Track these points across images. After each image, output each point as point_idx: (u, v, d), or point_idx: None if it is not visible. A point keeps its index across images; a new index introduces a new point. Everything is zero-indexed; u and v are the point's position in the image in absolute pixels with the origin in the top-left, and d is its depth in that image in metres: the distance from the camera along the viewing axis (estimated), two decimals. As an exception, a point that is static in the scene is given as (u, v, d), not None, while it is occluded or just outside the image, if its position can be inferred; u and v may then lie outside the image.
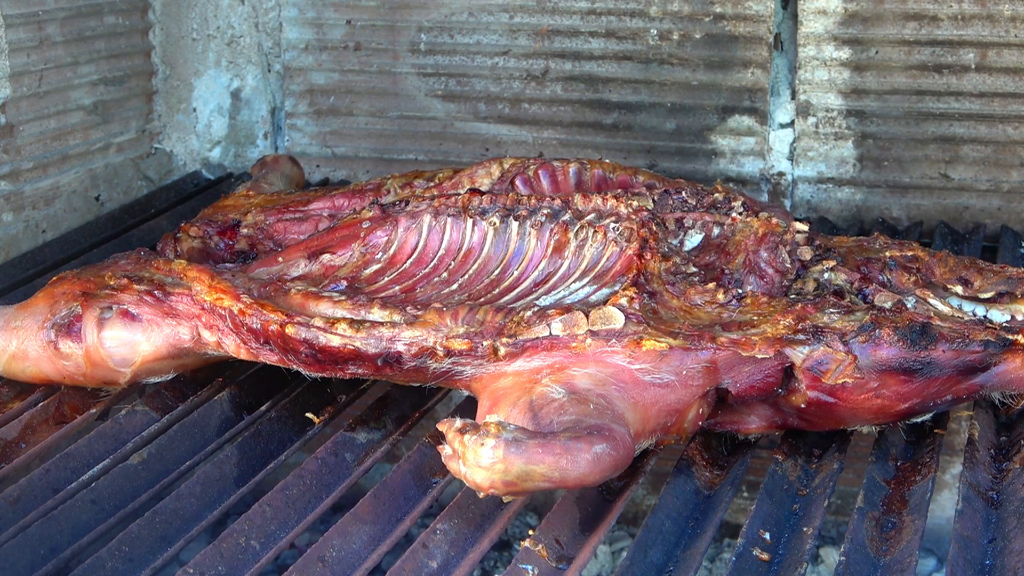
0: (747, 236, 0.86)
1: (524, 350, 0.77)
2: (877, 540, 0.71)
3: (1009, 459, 0.78)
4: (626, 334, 0.76)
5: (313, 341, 0.80)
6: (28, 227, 1.18)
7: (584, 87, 1.28)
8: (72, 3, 1.20)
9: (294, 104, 1.36)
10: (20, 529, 0.73)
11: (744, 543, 0.70)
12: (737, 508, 1.24)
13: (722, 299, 0.80)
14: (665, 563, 0.70)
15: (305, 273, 0.88)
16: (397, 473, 0.77)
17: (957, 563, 0.67)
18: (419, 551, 0.70)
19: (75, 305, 0.87)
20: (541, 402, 0.73)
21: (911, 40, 1.19)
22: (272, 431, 0.84)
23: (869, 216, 1.24)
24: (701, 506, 0.76)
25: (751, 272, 0.84)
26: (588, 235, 0.84)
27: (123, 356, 0.86)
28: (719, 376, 0.76)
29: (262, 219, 0.98)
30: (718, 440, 0.82)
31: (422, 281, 0.85)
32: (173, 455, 0.82)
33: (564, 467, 0.67)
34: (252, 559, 0.71)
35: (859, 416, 0.79)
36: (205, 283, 0.84)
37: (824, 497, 0.74)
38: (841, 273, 0.84)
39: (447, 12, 1.30)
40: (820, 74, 1.21)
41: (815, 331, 0.77)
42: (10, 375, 0.89)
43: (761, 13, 1.21)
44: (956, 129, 1.20)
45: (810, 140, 1.23)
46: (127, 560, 0.71)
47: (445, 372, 0.79)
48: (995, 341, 0.78)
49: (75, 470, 0.79)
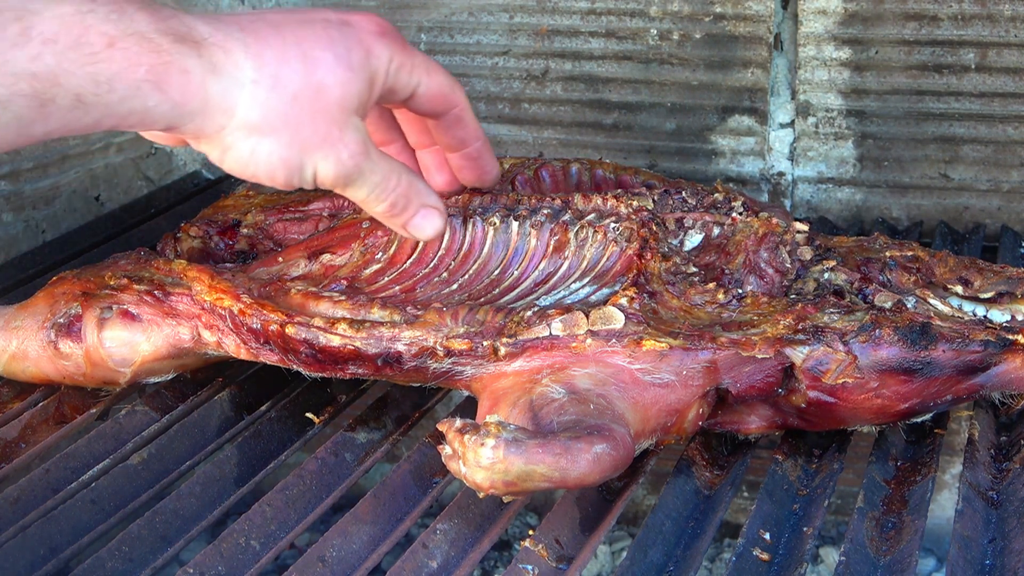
0: (747, 236, 0.86)
1: (524, 350, 0.77)
2: (877, 540, 0.71)
3: (1009, 459, 0.78)
4: (626, 334, 0.76)
5: (313, 341, 0.80)
6: (28, 227, 1.18)
7: (584, 87, 1.28)
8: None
9: None
10: (20, 529, 0.73)
11: (744, 543, 0.70)
12: (737, 508, 1.24)
13: (722, 299, 0.81)
14: (665, 563, 0.70)
15: (305, 273, 0.88)
16: (397, 473, 0.77)
17: (957, 563, 0.67)
18: (419, 551, 0.70)
19: (75, 305, 0.87)
20: (541, 402, 0.73)
21: (911, 40, 1.19)
22: (272, 431, 0.85)
23: (869, 216, 1.24)
24: (701, 506, 0.76)
25: (751, 272, 0.84)
26: (588, 235, 0.84)
27: (123, 356, 0.86)
28: (719, 376, 0.77)
29: (262, 219, 0.98)
30: (718, 440, 0.82)
31: (422, 281, 0.85)
32: (173, 455, 0.82)
33: (564, 467, 0.67)
34: (252, 559, 0.71)
35: (859, 416, 0.79)
36: (205, 283, 0.85)
37: (824, 497, 0.74)
38: (841, 273, 0.84)
39: (447, 12, 1.30)
40: (820, 74, 1.21)
41: (815, 331, 0.77)
42: (10, 375, 0.89)
43: (761, 13, 1.21)
44: (956, 129, 1.20)
45: (810, 140, 1.23)
46: (127, 560, 0.71)
47: (445, 372, 0.79)
48: (995, 341, 0.78)
49: (75, 470, 0.79)
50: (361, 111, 0.75)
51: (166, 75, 0.67)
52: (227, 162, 0.73)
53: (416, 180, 0.80)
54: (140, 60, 0.66)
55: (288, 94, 0.71)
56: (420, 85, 0.78)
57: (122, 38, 0.65)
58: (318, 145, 0.73)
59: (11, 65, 0.62)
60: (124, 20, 0.66)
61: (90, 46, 0.65)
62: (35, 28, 0.63)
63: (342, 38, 0.74)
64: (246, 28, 0.72)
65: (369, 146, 0.76)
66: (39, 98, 0.64)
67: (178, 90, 0.68)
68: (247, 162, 0.73)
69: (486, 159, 0.86)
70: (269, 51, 0.71)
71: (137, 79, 0.66)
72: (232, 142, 0.72)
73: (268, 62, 0.71)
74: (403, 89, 0.78)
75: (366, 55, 0.74)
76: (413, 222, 0.80)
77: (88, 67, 0.65)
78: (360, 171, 0.75)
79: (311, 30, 0.73)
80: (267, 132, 0.71)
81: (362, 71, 0.74)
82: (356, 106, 0.74)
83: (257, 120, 0.71)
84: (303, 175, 0.74)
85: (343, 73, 0.73)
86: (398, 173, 0.78)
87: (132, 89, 0.66)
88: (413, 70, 0.77)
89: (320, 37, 0.73)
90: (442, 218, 0.81)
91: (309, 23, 0.74)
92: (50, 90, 0.64)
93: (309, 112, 0.72)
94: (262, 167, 0.73)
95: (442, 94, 0.80)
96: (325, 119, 0.73)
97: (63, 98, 0.64)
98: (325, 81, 0.72)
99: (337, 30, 0.74)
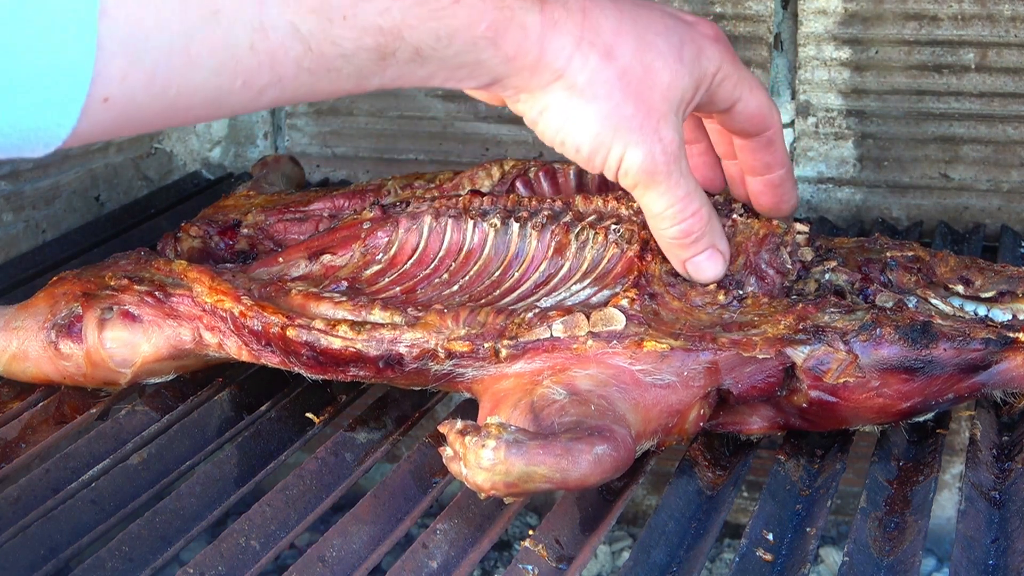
0: (748, 237, 0.86)
1: (525, 352, 0.77)
2: (880, 540, 0.71)
3: (1011, 459, 0.78)
4: (627, 335, 0.76)
5: (314, 343, 0.80)
6: (28, 227, 1.18)
7: (584, 87, 1.28)
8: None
9: (294, 104, 1.36)
10: (20, 529, 0.72)
11: (747, 543, 0.70)
12: (738, 508, 1.24)
13: (723, 300, 0.80)
14: (668, 563, 0.70)
15: (306, 273, 0.88)
16: (397, 473, 0.77)
17: (960, 563, 0.67)
18: (419, 551, 0.70)
19: (75, 305, 0.87)
20: (542, 403, 0.73)
21: (911, 40, 1.19)
22: (272, 431, 0.84)
23: (869, 216, 1.24)
24: (704, 506, 0.76)
25: (752, 273, 0.84)
26: (589, 237, 0.84)
27: (124, 357, 0.86)
28: (720, 377, 0.76)
29: (262, 219, 0.98)
30: (720, 441, 0.82)
31: (423, 282, 0.85)
32: (173, 455, 0.82)
33: (565, 468, 0.67)
34: (252, 559, 0.71)
35: (861, 415, 0.79)
36: (206, 284, 0.84)
37: (827, 497, 0.74)
38: (842, 273, 0.84)
39: (447, 12, 1.29)
40: (820, 74, 1.21)
41: (816, 331, 0.77)
42: (10, 375, 0.89)
43: (761, 13, 1.21)
44: (956, 129, 1.20)
45: (810, 140, 1.23)
46: (127, 560, 0.71)
47: (446, 374, 0.79)
48: (996, 339, 0.78)
49: (75, 470, 0.79)
50: (682, 110, 0.72)
51: (505, 30, 0.67)
52: (541, 123, 0.71)
53: (715, 216, 0.77)
54: (483, 15, 0.66)
55: (619, 67, 0.70)
56: (740, 100, 0.76)
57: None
58: (635, 129, 0.71)
59: (360, 19, 0.62)
60: None
61: (437, 2, 0.64)
62: None
63: (678, 30, 0.72)
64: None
65: (683, 152, 0.73)
66: (381, 51, 0.63)
67: (513, 45, 0.67)
68: (560, 127, 0.71)
69: (787, 188, 0.82)
70: (606, 21, 0.70)
71: (476, 35, 0.66)
72: (551, 102, 0.70)
73: (605, 30, 0.70)
74: (724, 100, 0.75)
75: (698, 53, 0.72)
76: (697, 259, 0.78)
77: (431, 22, 0.64)
78: (668, 173, 0.73)
79: (648, 14, 0.72)
80: (589, 98, 0.70)
81: (691, 67, 0.72)
82: (679, 101, 0.72)
83: (583, 83, 0.70)
84: (609, 156, 0.72)
85: (674, 63, 0.71)
86: (702, 199, 0.75)
87: (469, 44, 0.66)
88: (738, 83, 0.75)
89: (656, 23, 0.72)
90: (725, 266, 0.78)
91: (648, 8, 0.73)
92: (392, 43, 0.63)
93: (635, 91, 0.70)
94: (572, 135, 0.71)
95: (761, 114, 0.77)
96: (647, 104, 0.71)
97: (403, 52, 0.64)
98: (654, 65, 0.71)
99: (673, 21, 0.73)
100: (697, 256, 0.78)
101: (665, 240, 0.78)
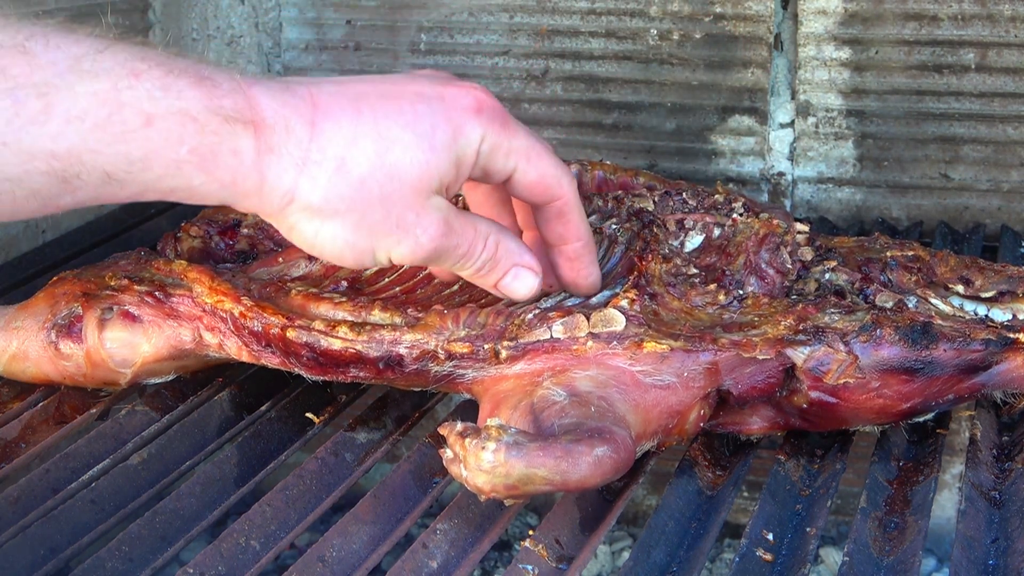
0: (748, 237, 0.86)
1: (525, 353, 0.77)
2: (880, 540, 0.71)
3: (1011, 459, 0.78)
4: (627, 336, 0.76)
5: (314, 344, 0.80)
6: (28, 227, 1.18)
7: (584, 87, 1.28)
8: (72, 3, 1.20)
9: None
10: (20, 529, 0.72)
11: (747, 543, 0.70)
12: (738, 508, 1.24)
13: (723, 300, 0.80)
14: (668, 563, 0.70)
15: (306, 273, 0.88)
16: (397, 473, 0.77)
17: (960, 564, 0.67)
18: (419, 551, 0.70)
19: (76, 306, 0.86)
20: (542, 405, 0.73)
21: (911, 40, 1.19)
22: (272, 431, 0.84)
23: (869, 216, 1.24)
24: (704, 507, 0.76)
25: (752, 273, 0.84)
26: (589, 236, 0.84)
27: (124, 357, 0.86)
28: (720, 377, 0.76)
29: (263, 219, 0.98)
30: (720, 441, 0.82)
31: (423, 282, 0.85)
32: (173, 455, 0.82)
33: (565, 470, 0.67)
34: (252, 559, 0.71)
35: (861, 416, 0.79)
36: (206, 284, 0.84)
37: (827, 497, 0.74)
38: (842, 273, 0.84)
39: (447, 12, 1.30)
40: (820, 74, 1.21)
41: (816, 331, 0.77)
42: (10, 375, 0.89)
43: (761, 13, 1.21)
44: (956, 129, 1.20)
45: (810, 140, 1.23)
46: (127, 560, 0.71)
47: (446, 376, 0.79)
48: (996, 340, 0.78)
49: (75, 470, 0.79)
50: (444, 189, 0.71)
51: (214, 156, 0.65)
52: (294, 238, 0.71)
53: (507, 239, 0.75)
54: (182, 140, 0.64)
55: (355, 177, 0.68)
56: (517, 170, 0.73)
57: (163, 116, 0.63)
58: (390, 230, 0.70)
59: (25, 143, 0.60)
60: (169, 97, 0.63)
61: (122, 124, 0.62)
62: (59, 105, 0.61)
63: (429, 114, 0.70)
64: (319, 104, 0.68)
65: (451, 222, 0.72)
66: (59, 175, 0.62)
67: (228, 171, 0.65)
68: (312, 242, 0.70)
69: (584, 263, 0.79)
70: (338, 131, 0.68)
71: (176, 159, 0.64)
72: (295, 222, 0.69)
73: (335, 143, 0.67)
74: (498, 172, 0.73)
75: (453, 135, 0.70)
76: (503, 283, 0.76)
77: (119, 145, 0.62)
78: (441, 250, 0.72)
79: (395, 105, 0.70)
80: (329, 215, 0.68)
81: (446, 152, 0.70)
82: (437, 185, 0.70)
83: (318, 203, 0.68)
84: (376, 257, 0.71)
85: (422, 155, 0.69)
86: (484, 237, 0.74)
87: (171, 168, 0.64)
88: (510, 154, 0.72)
89: (403, 113, 0.69)
90: (536, 277, 0.76)
91: (396, 97, 0.70)
92: (72, 167, 0.62)
93: (379, 196, 0.68)
94: (327, 249, 0.70)
95: (543, 183, 0.74)
96: (399, 203, 0.69)
97: (89, 175, 0.62)
98: (399, 163, 0.68)
99: (426, 105, 0.70)
100: (502, 280, 0.76)
101: (468, 278, 0.77)
